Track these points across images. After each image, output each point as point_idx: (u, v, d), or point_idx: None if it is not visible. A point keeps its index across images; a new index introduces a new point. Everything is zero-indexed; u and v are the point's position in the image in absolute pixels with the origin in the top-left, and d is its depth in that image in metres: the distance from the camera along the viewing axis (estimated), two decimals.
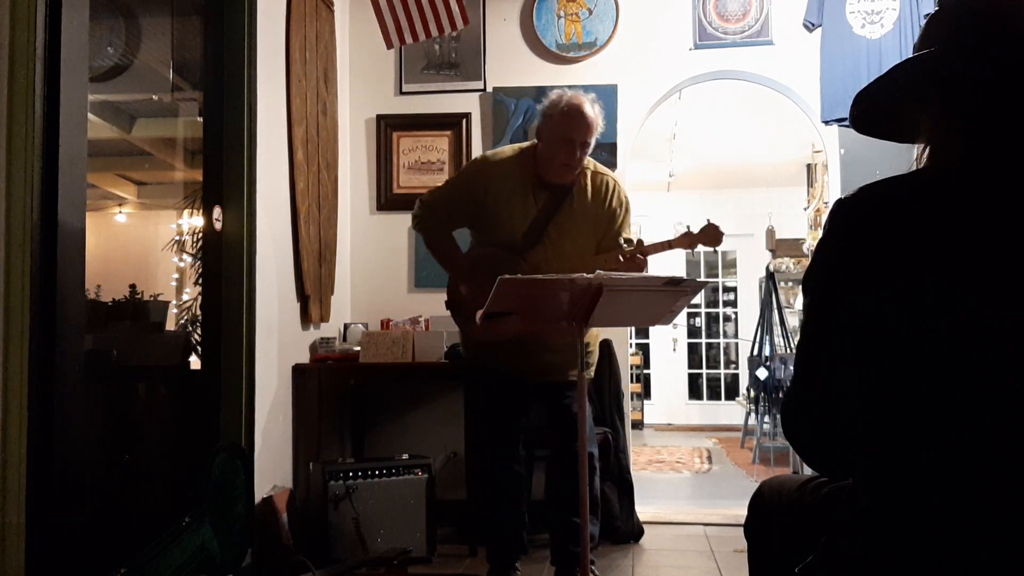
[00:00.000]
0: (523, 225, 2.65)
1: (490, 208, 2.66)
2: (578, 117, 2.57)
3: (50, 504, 1.80)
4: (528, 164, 2.68)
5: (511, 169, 2.68)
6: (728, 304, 9.04)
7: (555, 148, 2.59)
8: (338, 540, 2.97)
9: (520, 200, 2.65)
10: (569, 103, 2.58)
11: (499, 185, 2.66)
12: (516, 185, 2.66)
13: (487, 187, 2.67)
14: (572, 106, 2.58)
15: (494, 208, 2.66)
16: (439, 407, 3.77)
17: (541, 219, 2.64)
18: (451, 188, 2.77)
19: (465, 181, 2.75)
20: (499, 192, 2.66)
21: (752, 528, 1.42)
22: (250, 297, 2.85)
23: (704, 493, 5.16)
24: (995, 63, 1.08)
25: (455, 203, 2.71)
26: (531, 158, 2.68)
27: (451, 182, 2.80)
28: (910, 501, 0.99)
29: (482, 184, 2.68)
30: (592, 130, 2.59)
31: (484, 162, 2.79)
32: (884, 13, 3.66)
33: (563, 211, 2.66)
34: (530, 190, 2.66)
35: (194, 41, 2.92)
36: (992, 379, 0.96)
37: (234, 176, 2.84)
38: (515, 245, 2.65)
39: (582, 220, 2.68)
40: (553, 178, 2.65)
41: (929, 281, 1.00)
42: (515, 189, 2.66)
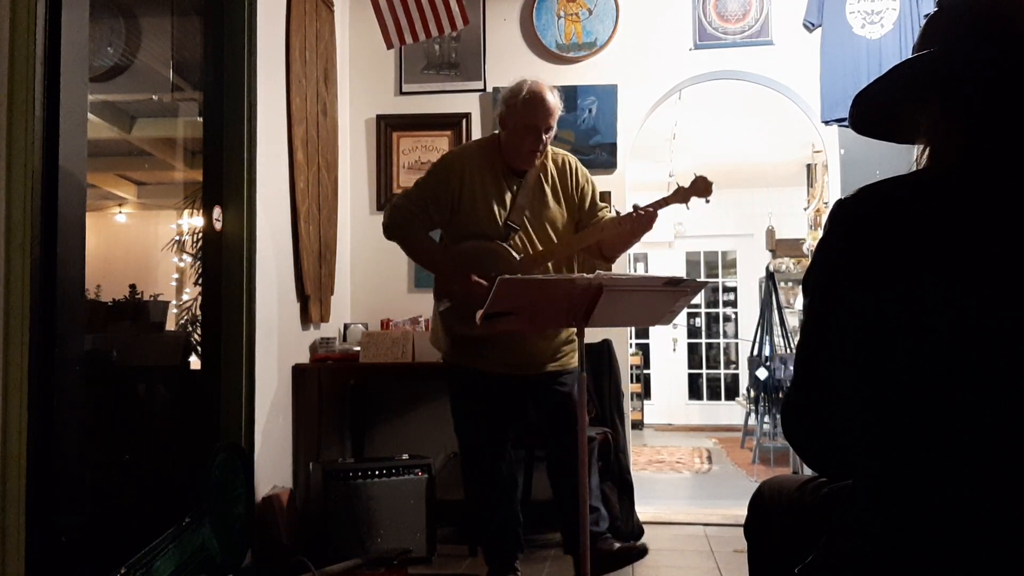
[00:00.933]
0: (503, 213, 2.67)
1: (466, 201, 2.67)
2: (541, 103, 2.62)
3: (50, 504, 1.80)
4: (495, 154, 2.72)
5: (480, 160, 2.72)
6: (728, 304, 9.04)
7: (521, 135, 2.63)
8: (338, 540, 2.97)
9: (495, 189, 2.68)
10: (531, 90, 2.63)
11: (471, 177, 2.68)
12: (488, 175, 2.69)
13: (460, 180, 2.68)
14: (534, 93, 2.62)
15: (470, 200, 2.67)
16: (439, 407, 3.76)
17: (518, 205, 2.69)
18: (424, 187, 2.74)
19: (439, 177, 2.73)
20: (473, 183, 2.68)
21: (752, 528, 1.42)
22: (250, 297, 2.85)
23: (704, 493, 5.16)
24: (995, 63, 1.08)
25: (431, 200, 2.69)
26: (496, 148, 2.73)
27: (422, 182, 2.76)
28: (910, 501, 0.99)
29: (455, 178, 2.69)
30: (555, 114, 2.66)
31: (452, 156, 2.83)
32: (884, 13, 3.66)
33: (536, 195, 2.71)
34: (502, 178, 2.70)
35: (194, 41, 2.92)
36: (992, 379, 0.96)
37: (234, 176, 2.84)
38: (498, 234, 2.66)
39: (555, 200, 2.73)
40: (520, 165, 2.69)
41: (929, 281, 1.00)
42: (487, 179, 2.69)
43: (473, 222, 2.67)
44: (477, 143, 2.86)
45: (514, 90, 2.67)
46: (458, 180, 2.69)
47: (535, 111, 2.61)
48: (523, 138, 2.64)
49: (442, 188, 2.69)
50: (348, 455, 3.64)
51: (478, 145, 2.84)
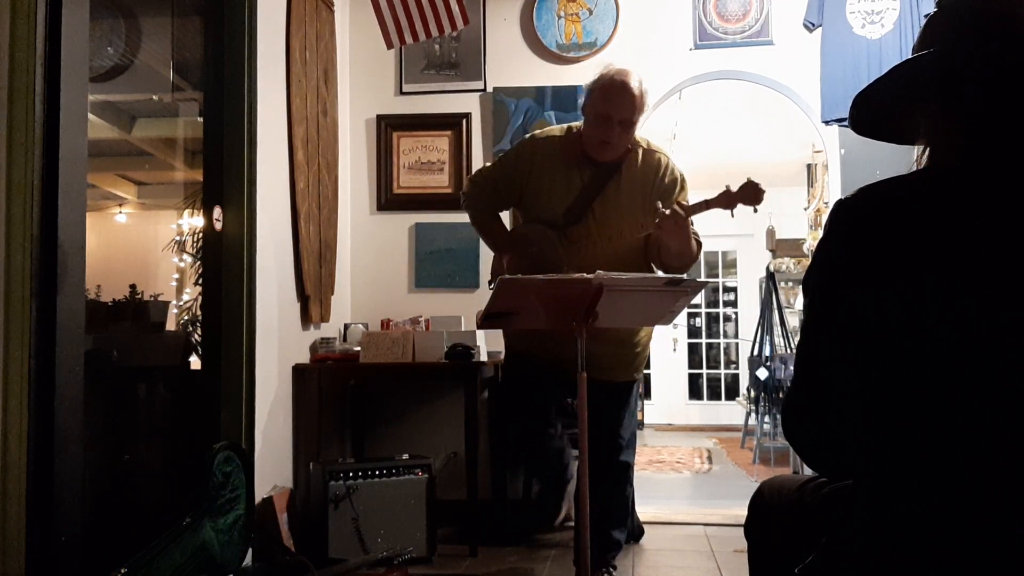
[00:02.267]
0: (565, 201, 2.60)
1: (533, 185, 2.64)
2: (619, 93, 2.50)
3: (50, 503, 1.80)
4: (575, 142, 2.64)
5: (557, 146, 2.66)
6: (728, 304, 9.04)
7: (593, 124, 2.54)
8: (338, 540, 2.97)
9: (563, 176, 2.61)
10: (611, 78, 2.52)
11: (543, 162, 2.63)
12: (560, 162, 2.62)
13: (531, 164, 2.65)
14: (614, 82, 2.51)
15: (537, 185, 2.63)
16: (439, 407, 3.78)
17: (585, 195, 2.59)
18: (498, 166, 2.77)
19: (511, 159, 2.73)
20: (543, 169, 2.63)
21: (752, 528, 1.42)
22: (250, 297, 2.85)
23: (704, 493, 5.16)
24: (995, 63, 1.08)
25: (501, 180, 2.70)
26: (578, 136, 2.65)
27: (499, 160, 2.79)
28: (910, 501, 0.99)
29: (526, 161, 2.66)
30: (635, 108, 2.51)
31: (531, 140, 2.76)
32: (884, 13, 3.66)
33: (609, 188, 2.60)
34: (575, 167, 2.61)
35: (194, 41, 2.92)
36: (992, 379, 0.96)
37: (234, 176, 2.84)
38: (556, 221, 2.61)
39: (629, 197, 2.60)
40: (595, 155, 2.58)
41: (929, 281, 1.00)
42: (559, 166, 2.62)
43: (536, 207, 2.65)
44: (561, 128, 2.75)
45: (598, 76, 2.57)
46: (527, 164, 2.65)
47: (609, 100, 2.50)
48: (595, 127, 2.54)
49: (511, 170, 2.69)
50: (348, 455, 3.65)
51: (560, 131, 2.73)
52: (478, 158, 3.88)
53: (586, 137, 2.60)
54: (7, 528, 1.73)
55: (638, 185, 2.63)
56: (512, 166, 2.69)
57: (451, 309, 3.72)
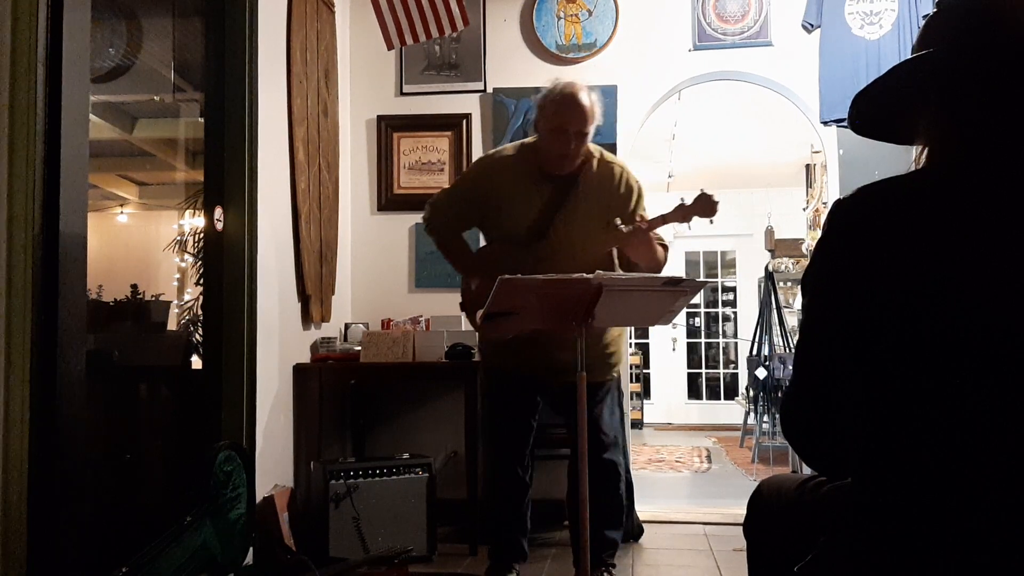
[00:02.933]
0: (529, 218, 2.61)
1: (494, 204, 2.65)
2: (570, 105, 2.51)
3: (52, 503, 1.80)
4: (530, 158, 2.65)
5: (514, 164, 2.67)
6: (727, 304, 9.04)
7: (550, 139, 2.55)
8: (339, 539, 2.98)
9: (524, 194, 2.62)
10: (562, 92, 2.53)
11: (503, 181, 2.64)
12: (519, 179, 2.63)
13: (490, 184, 2.66)
14: (564, 94, 2.52)
15: (498, 204, 2.65)
16: (439, 407, 3.78)
17: (547, 211, 2.60)
18: (456, 189, 2.78)
19: (469, 180, 2.76)
20: (503, 187, 2.64)
21: (751, 527, 1.42)
22: (251, 297, 2.86)
23: (703, 492, 5.16)
24: (993, 64, 1.08)
25: (461, 203, 2.72)
26: (532, 152, 2.66)
27: (456, 183, 2.82)
28: (909, 500, 0.99)
29: (485, 181, 2.68)
30: (588, 119, 2.52)
31: (487, 160, 2.79)
32: (883, 14, 3.67)
33: (569, 201, 2.61)
34: (534, 183, 2.62)
35: (195, 42, 2.92)
36: (990, 378, 0.97)
37: (235, 177, 2.85)
38: (521, 238, 2.62)
39: (590, 209, 2.61)
40: (552, 169, 2.60)
41: (928, 281, 1.00)
42: (519, 183, 2.62)
43: (500, 225, 2.67)
44: (515, 146, 2.76)
45: (547, 91, 2.59)
46: (485, 184, 2.67)
47: (564, 113, 2.51)
48: (552, 142, 2.55)
49: (471, 193, 2.71)
50: (349, 454, 3.65)
51: (515, 149, 2.74)
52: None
53: (543, 152, 2.60)
54: (9, 527, 1.73)
55: (596, 195, 2.62)
56: (470, 188, 2.71)
57: (451, 309, 3.71)
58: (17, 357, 1.76)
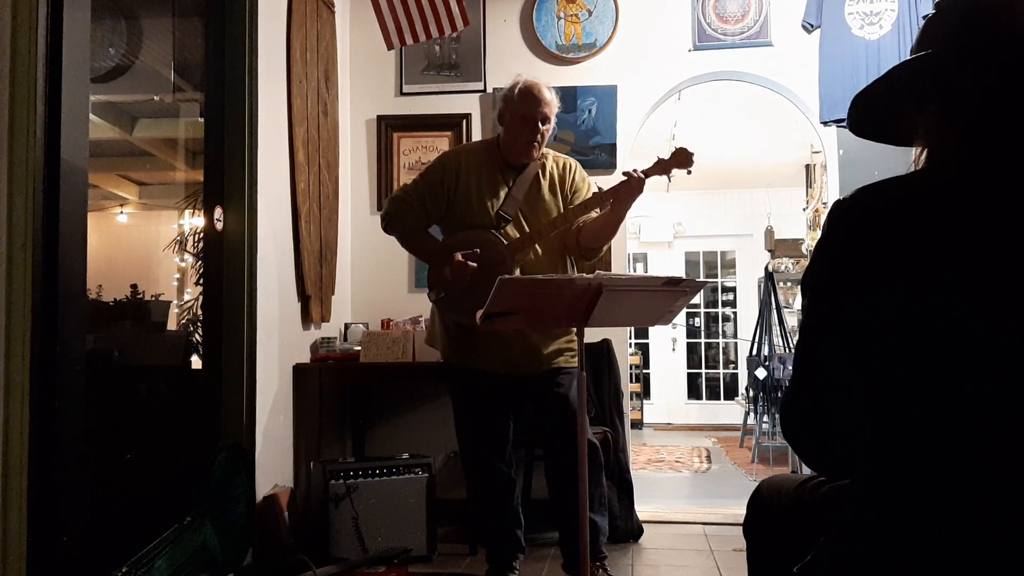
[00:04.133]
0: (495, 204, 2.75)
1: (461, 193, 2.76)
2: (534, 94, 2.72)
3: (51, 503, 1.80)
4: (494, 150, 2.82)
5: (478, 155, 2.82)
6: (727, 304, 9.04)
7: (518, 127, 2.72)
8: (339, 539, 2.98)
9: (489, 181, 2.77)
10: (525, 83, 2.75)
11: (468, 170, 2.78)
12: (484, 169, 2.78)
13: (458, 172, 2.78)
14: (528, 85, 2.75)
15: (465, 191, 2.76)
16: (439, 407, 3.78)
17: (512, 196, 2.76)
18: (423, 180, 2.83)
19: (438, 170, 2.82)
20: (469, 175, 2.77)
21: (751, 527, 1.42)
22: (251, 297, 2.86)
23: (703, 492, 5.16)
24: (993, 64, 1.08)
25: (428, 193, 2.78)
26: (496, 146, 2.83)
27: (420, 177, 2.86)
28: (908, 501, 0.99)
29: (453, 170, 2.78)
30: (551, 106, 2.74)
31: (451, 152, 2.95)
32: (883, 14, 3.67)
33: (532, 188, 2.78)
34: (498, 172, 2.79)
35: (195, 42, 2.93)
36: (990, 379, 0.97)
37: (235, 176, 2.85)
38: (490, 223, 2.73)
39: (551, 194, 2.80)
40: (518, 159, 2.77)
41: (927, 281, 1.00)
42: (484, 172, 2.78)
43: (466, 213, 2.75)
44: (478, 142, 2.96)
45: (510, 85, 2.79)
46: (453, 174, 2.78)
47: (529, 102, 2.71)
48: (520, 130, 2.72)
49: (437, 181, 2.78)
50: (349, 454, 3.65)
51: (478, 143, 2.94)
52: None
53: (509, 142, 2.77)
54: (8, 528, 1.73)
55: (556, 184, 2.82)
56: (439, 177, 2.79)
57: None
58: (17, 357, 1.76)
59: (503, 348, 2.67)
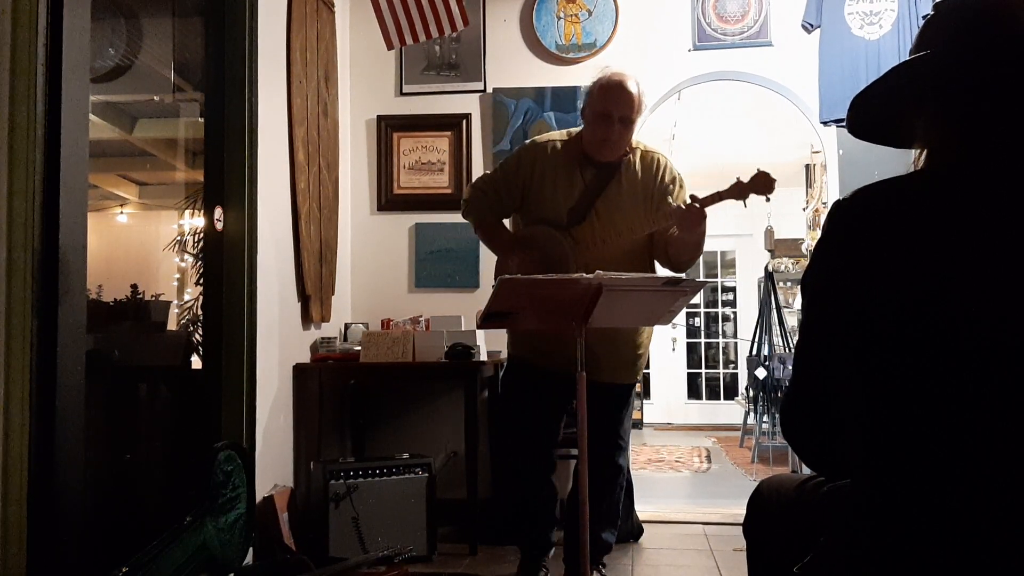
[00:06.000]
0: (569, 202, 2.64)
1: (536, 186, 2.68)
2: (616, 91, 2.58)
3: (51, 503, 1.80)
4: (575, 144, 2.70)
5: (558, 148, 2.71)
6: (727, 304, 9.04)
7: (594, 124, 2.60)
8: (338, 539, 2.98)
9: (566, 177, 2.66)
10: (609, 78, 2.61)
11: (546, 164, 2.68)
12: (562, 163, 2.67)
13: (533, 166, 2.69)
14: (611, 81, 2.60)
15: (540, 185, 2.67)
16: (439, 407, 3.78)
17: (588, 195, 2.64)
18: (500, 170, 2.79)
19: (514, 162, 2.77)
20: (545, 171, 2.68)
21: (751, 527, 1.43)
22: (251, 297, 2.86)
23: (703, 492, 5.16)
24: (992, 65, 1.09)
25: (503, 184, 2.73)
26: (578, 139, 2.71)
27: (501, 165, 2.82)
28: (908, 501, 0.99)
29: (529, 163, 2.70)
30: (633, 105, 2.59)
31: (533, 144, 2.81)
32: (882, 14, 3.67)
33: (611, 187, 2.65)
34: (577, 167, 2.66)
35: (195, 42, 2.93)
36: (990, 379, 0.97)
37: (235, 176, 2.85)
38: (561, 222, 2.63)
39: (631, 196, 2.66)
40: (596, 155, 2.64)
41: (927, 282, 1.00)
42: (561, 166, 2.67)
43: (540, 208, 2.67)
44: (563, 133, 2.81)
45: (596, 78, 2.66)
46: (530, 166, 2.70)
47: (608, 98, 2.57)
48: (596, 126, 2.59)
49: (514, 173, 2.72)
50: (349, 454, 3.65)
51: (563, 134, 2.79)
52: (478, 158, 3.89)
53: (587, 138, 2.65)
54: (8, 527, 1.73)
55: (639, 184, 2.67)
56: (515, 169, 2.73)
57: (451, 309, 3.72)
58: (17, 357, 1.76)
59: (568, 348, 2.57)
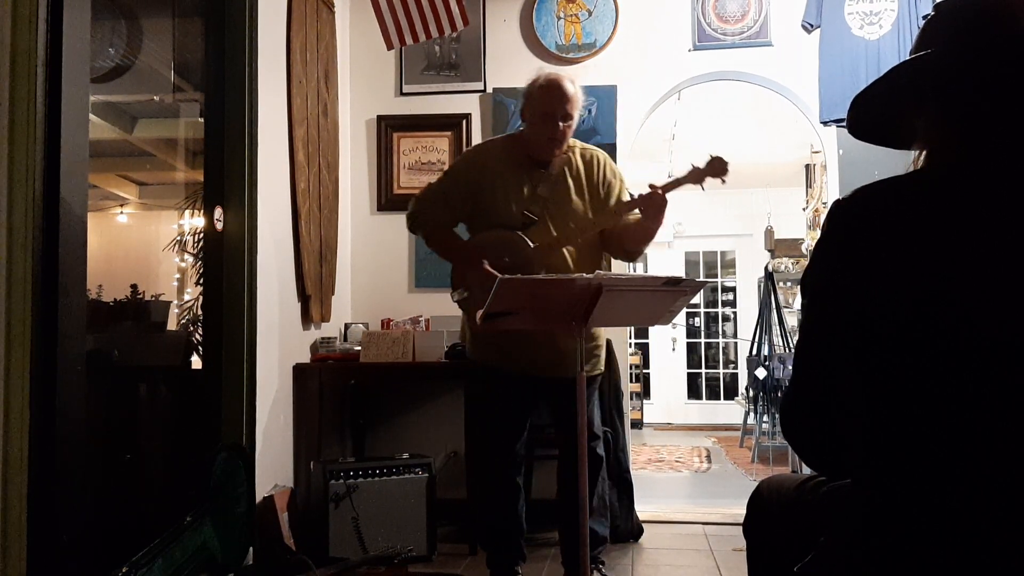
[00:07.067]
0: (520, 203, 2.66)
1: (486, 190, 2.69)
2: (556, 90, 2.63)
3: (52, 503, 1.80)
4: (518, 147, 2.73)
5: (502, 152, 2.74)
6: (727, 304, 9.04)
7: (539, 124, 2.64)
8: (338, 539, 2.98)
9: (514, 179, 2.68)
10: (547, 78, 2.67)
11: (493, 167, 2.70)
12: (509, 166, 2.70)
13: (482, 171, 2.71)
14: (550, 81, 2.66)
15: (490, 189, 2.68)
16: (439, 407, 3.78)
17: (537, 195, 2.68)
18: (447, 178, 2.78)
19: (461, 167, 2.78)
20: (493, 174, 2.69)
21: (751, 527, 1.43)
22: (251, 297, 2.86)
23: (703, 492, 5.16)
24: (992, 65, 1.09)
25: (453, 192, 2.73)
26: (520, 141, 2.75)
27: (446, 174, 2.82)
28: (909, 500, 0.99)
29: (476, 169, 2.72)
30: (573, 103, 2.65)
31: (474, 149, 2.86)
32: (882, 14, 3.67)
33: (559, 186, 2.70)
34: (523, 169, 2.69)
35: (195, 42, 2.93)
36: (990, 379, 0.97)
37: (235, 176, 2.85)
38: (515, 223, 2.65)
39: (579, 192, 2.71)
40: (541, 155, 2.68)
41: (927, 281, 1.00)
42: (508, 169, 2.69)
43: (492, 212, 2.68)
44: (502, 137, 2.85)
45: (532, 80, 2.71)
46: (477, 171, 2.71)
47: (550, 97, 2.62)
48: (541, 126, 2.64)
49: (462, 179, 2.73)
50: (349, 454, 3.65)
51: (503, 139, 2.84)
52: None
53: (532, 139, 2.69)
54: (8, 527, 1.73)
55: (583, 180, 2.72)
56: (463, 175, 2.74)
57: (451, 309, 3.69)
58: (17, 357, 1.76)
59: (529, 349, 2.62)
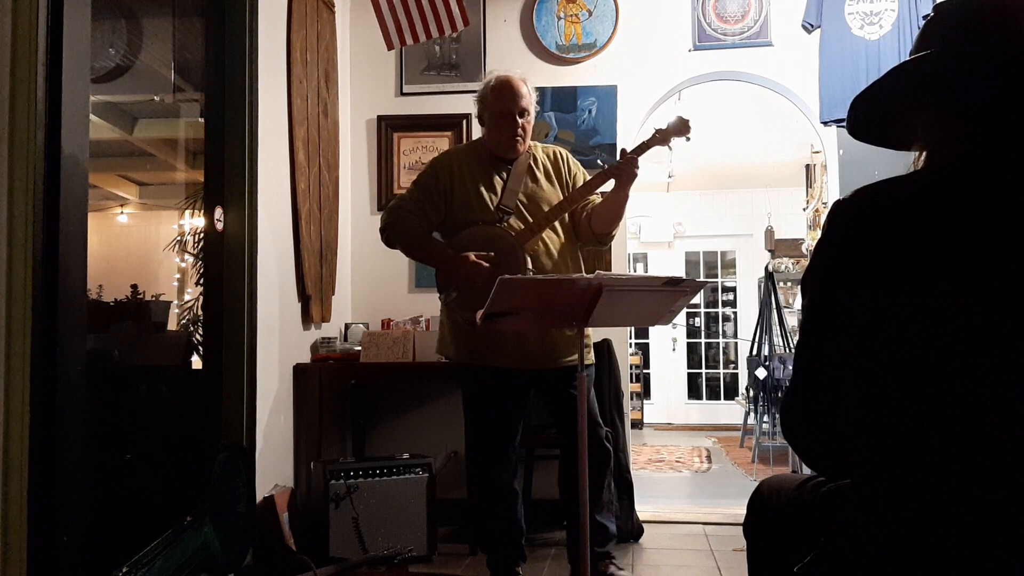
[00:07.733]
0: (495, 198, 2.73)
1: (458, 192, 2.74)
2: (509, 89, 2.71)
3: (52, 503, 1.80)
4: (482, 150, 2.81)
5: (467, 156, 2.82)
6: (727, 304, 9.04)
7: (497, 125, 2.72)
8: (339, 539, 2.98)
9: (484, 177, 2.75)
10: (497, 79, 2.74)
11: (463, 169, 2.77)
12: (476, 167, 2.77)
13: (451, 174, 2.76)
14: (500, 81, 2.73)
15: (462, 190, 2.74)
16: (439, 407, 3.78)
17: (509, 188, 2.74)
18: (419, 186, 2.80)
19: (431, 175, 2.80)
20: (464, 176, 2.76)
21: (751, 527, 1.43)
22: (251, 297, 2.86)
23: (703, 492, 5.16)
24: (992, 65, 1.09)
25: (428, 197, 2.76)
26: (482, 145, 2.84)
27: (415, 183, 2.84)
28: (909, 501, 0.99)
29: (447, 172, 2.77)
30: (527, 98, 2.73)
31: (441, 156, 2.92)
32: (883, 14, 3.67)
33: (527, 180, 2.77)
34: (491, 168, 2.77)
35: (195, 42, 2.93)
36: (991, 379, 0.97)
37: (235, 177, 2.85)
38: (492, 217, 2.71)
39: (548, 182, 2.79)
40: (506, 154, 2.76)
41: (927, 281, 1.00)
42: (477, 169, 2.77)
43: (467, 211, 2.73)
44: (465, 144, 2.94)
45: (484, 84, 2.79)
46: (447, 174, 2.76)
47: (504, 96, 2.70)
48: (500, 126, 2.72)
49: (433, 184, 2.77)
50: (349, 454, 3.65)
51: (466, 146, 2.93)
52: None
53: (494, 140, 2.76)
54: (9, 528, 1.73)
55: (551, 171, 2.81)
56: (433, 182, 2.77)
57: None
58: (17, 357, 1.76)
59: (519, 342, 2.66)
